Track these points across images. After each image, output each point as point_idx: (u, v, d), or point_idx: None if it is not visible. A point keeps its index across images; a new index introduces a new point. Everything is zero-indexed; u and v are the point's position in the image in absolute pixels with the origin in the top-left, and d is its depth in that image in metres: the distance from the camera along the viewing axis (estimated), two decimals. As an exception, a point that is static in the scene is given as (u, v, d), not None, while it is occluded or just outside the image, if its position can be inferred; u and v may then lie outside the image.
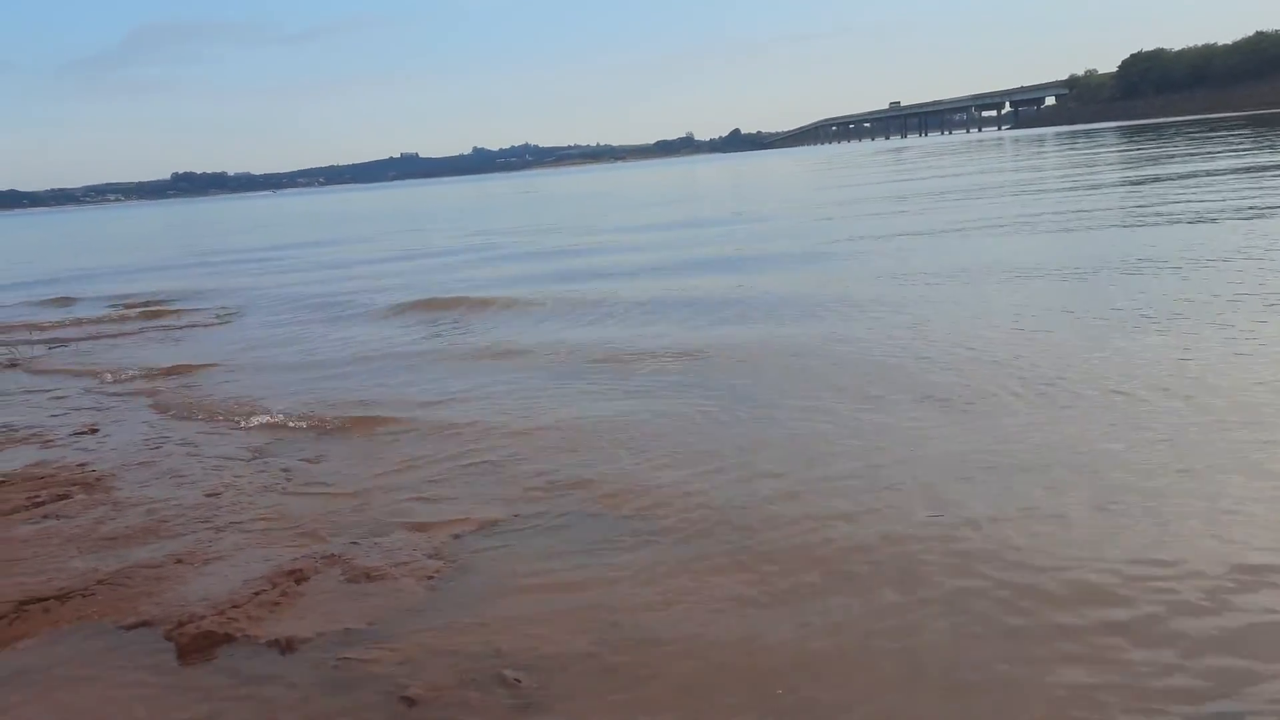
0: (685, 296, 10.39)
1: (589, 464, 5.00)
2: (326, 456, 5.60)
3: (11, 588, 3.78)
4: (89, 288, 18.25)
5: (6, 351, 10.66)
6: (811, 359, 6.91)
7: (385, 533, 4.32)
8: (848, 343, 7.31)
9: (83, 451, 6.12)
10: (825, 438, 5.07)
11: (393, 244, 24.16)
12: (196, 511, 4.74)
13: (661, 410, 5.88)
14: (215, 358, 9.17)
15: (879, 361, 6.63)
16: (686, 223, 22.53)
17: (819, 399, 5.82)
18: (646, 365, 7.18)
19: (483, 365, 7.76)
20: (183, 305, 13.87)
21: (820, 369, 6.58)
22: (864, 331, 7.68)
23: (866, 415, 5.41)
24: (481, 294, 11.77)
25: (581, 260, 15.49)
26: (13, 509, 4.87)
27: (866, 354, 6.88)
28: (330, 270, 17.76)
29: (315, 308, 12.25)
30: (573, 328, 9.17)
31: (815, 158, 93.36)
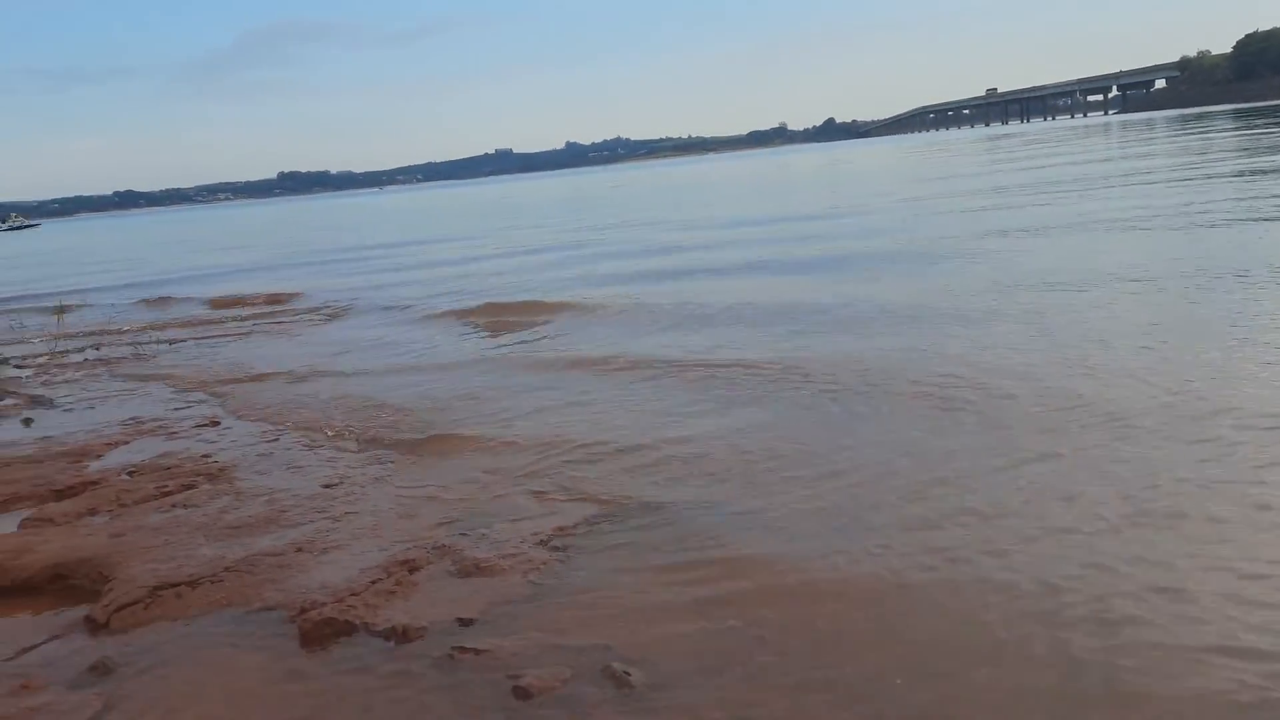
0: (779, 300, 9.91)
1: (681, 475, 5.05)
2: (432, 452, 5.78)
3: (146, 573, 4.00)
4: (204, 288, 19.03)
5: (131, 347, 11.21)
6: (930, 376, 6.16)
7: (492, 525, 4.44)
8: (973, 362, 6.44)
9: (205, 443, 6.41)
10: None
11: (490, 242, 24.39)
12: (314, 502, 4.93)
13: (761, 424, 5.73)
14: (320, 358, 9.46)
15: (1016, 387, 5.71)
16: (780, 217, 22.03)
17: (956, 437, 5.03)
18: (735, 375, 6.77)
19: (572, 375, 7.43)
20: (291, 305, 14.33)
21: (945, 390, 5.82)
22: (989, 349, 6.77)
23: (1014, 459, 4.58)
24: (573, 296, 11.60)
25: (672, 259, 15.29)
26: (144, 498, 5.14)
27: (998, 377, 5.97)
28: (430, 269, 17.97)
29: (410, 308, 12.46)
30: (662, 333, 8.91)
31: (912, 146, 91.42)
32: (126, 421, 7.28)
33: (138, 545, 4.35)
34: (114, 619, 3.69)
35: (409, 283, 15.69)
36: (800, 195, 31.39)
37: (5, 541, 4.38)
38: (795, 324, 8.56)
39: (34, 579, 4.10)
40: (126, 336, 12.24)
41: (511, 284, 13.98)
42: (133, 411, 7.66)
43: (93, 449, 6.40)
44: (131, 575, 4.00)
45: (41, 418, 7.73)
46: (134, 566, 4.09)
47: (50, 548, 4.32)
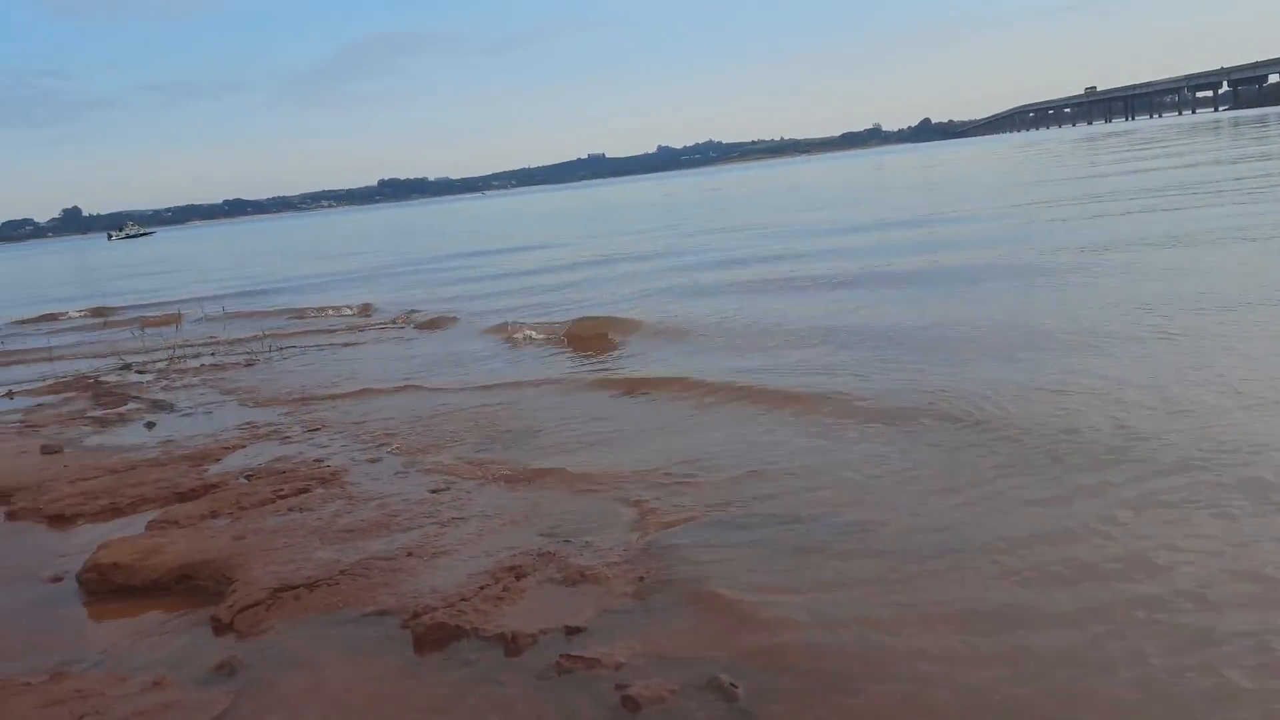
0: (876, 320, 9.14)
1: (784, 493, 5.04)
2: (533, 463, 5.88)
3: (267, 575, 4.16)
4: (307, 296, 19.62)
5: (245, 354, 11.64)
6: (1055, 415, 5.40)
7: (595, 533, 4.49)
8: (1113, 398, 5.61)
9: (317, 447, 6.62)
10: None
11: (582, 249, 24.33)
12: (422, 507, 5.05)
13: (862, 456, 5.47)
14: (417, 371, 9.63)
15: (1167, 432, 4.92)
16: (875, 224, 21.08)
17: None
18: (834, 406, 6.18)
19: (664, 399, 7.02)
20: (389, 315, 14.65)
21: (1076, 434, 5.06)
22: (1127, 383, 5.86)
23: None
24: (664, 312, 11.17)
25: (765, 269, 14.56)
26: (262, 501, 5.34)
27: (1148, 419, 5.17)
28: (524, 278, 17.91)
29: (503, 320, 11.94)
30: (754, 355, 8.30)
31: (1012, 146, 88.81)
32: (242, 426, 7.56)
33: (258, 548, 4.52)
34: (237, 620, 3.84)
35: (504, 293, 15.71)
36: (896, 200, 30.13)
37: (135, 543, 4.59)
38: (896, 348, 7.79)
39: (162, 580, 4.29)
40: (239, 343, 12.71)
41: (602, 296, 13.69)
42: (247, 416, 7.96)
43: (212, 453, 6.66)
44: (253, 577, 4.15)
45: (163, 421, 8.08)
46: (255, 568, 4.25)
47: (176, 549, 4.52)
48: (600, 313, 11.42)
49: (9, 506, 5.73)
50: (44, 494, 5.85)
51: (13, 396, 10.06)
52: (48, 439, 7.48)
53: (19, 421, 8.46)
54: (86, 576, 4.32)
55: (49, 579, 4.50)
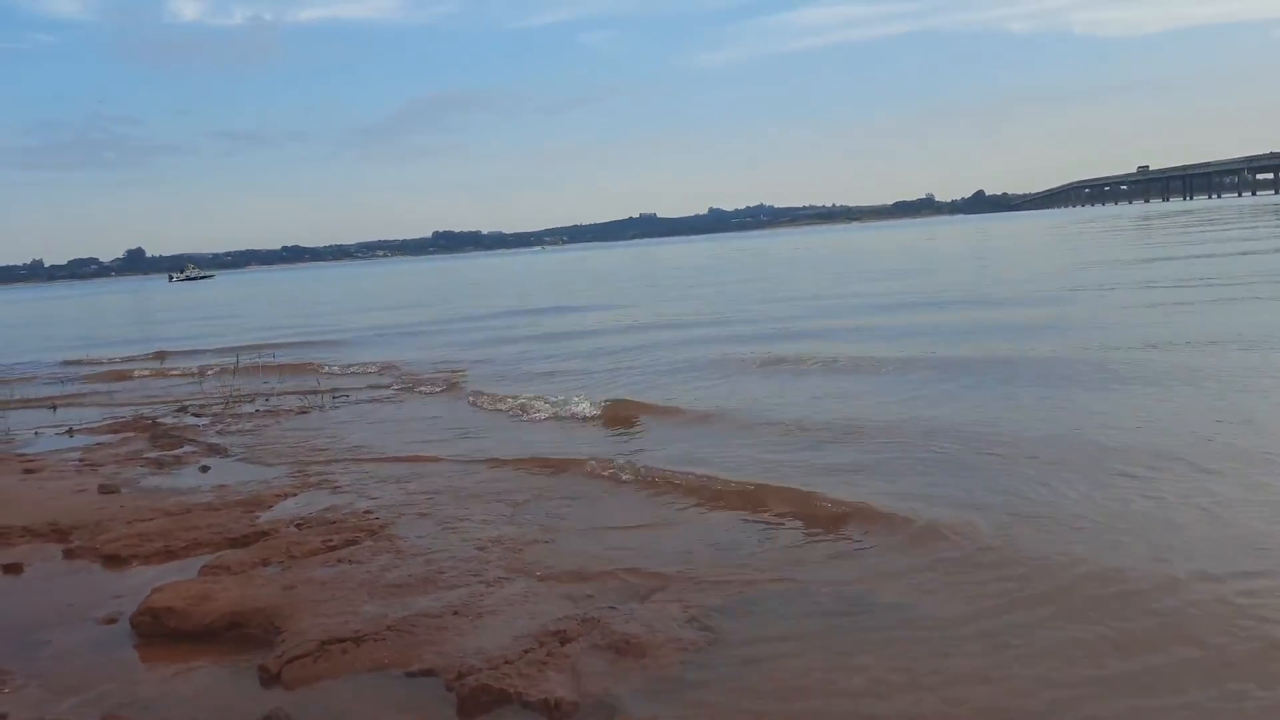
0: (938, 417, 7.94)
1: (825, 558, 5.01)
2: (579, 518, 5.90)
3: (315, 627, 4.20)
4: (359, 351, 19.88)
5: (299, 400, 11.84)
6: (1162, 573, 4.32)
7: (641, 599, 4.49)
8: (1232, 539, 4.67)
9: (366, 499, 6.70)
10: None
11: (627, 312, 23.21)
12: (468, 564, 5.08)
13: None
14: (459, 435, 9.62)
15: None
16: (927, 300, 19.60)
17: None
18: (884, 527, 5.25)
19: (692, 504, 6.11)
20: (416, 375, 14.71)
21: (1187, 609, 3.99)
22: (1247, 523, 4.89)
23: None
24: (704, 395, 10.06)
25: (812, 346, 13.15)
26: (311, 551, 5.41)
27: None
28: (565, 342, 16.97)
29: (539, 391, 11.19)
30: (799, 451, 7.26)
31: (1068, 221, 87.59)
32: (295, 472, 7.68)
33: (307, 598, 4.57)
34: (285, 670, 3.88)
35: (538, 357, 15.05)
36: (950, 274, 28.96)
37: (189, 588, 4.67)
38: (935, 455, 6.76)
39: (213, 626, 4.36)
40: (293, 391, 12.94)
41: (641, 367, 12.58)
42: (300, 463, 8.07)
43: (264, 499, 6.77)
44: (301, 628, 4.20)
45: (216, 465, 8.23)
46: (303, 619, 4.30)
47: (228, 596, 4.58)
48: (626, 392, 10.56)
49: (67, 545, 5.86)
50: (101, 533, 5.97)
51: (73, 434, 10.32)
52: (106, 478, 7.66)
53: (78, 460, 8.67)
54: (140, 619, 4.40)
55: (103, 619, 4.58)
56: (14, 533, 6.14)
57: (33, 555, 5.73)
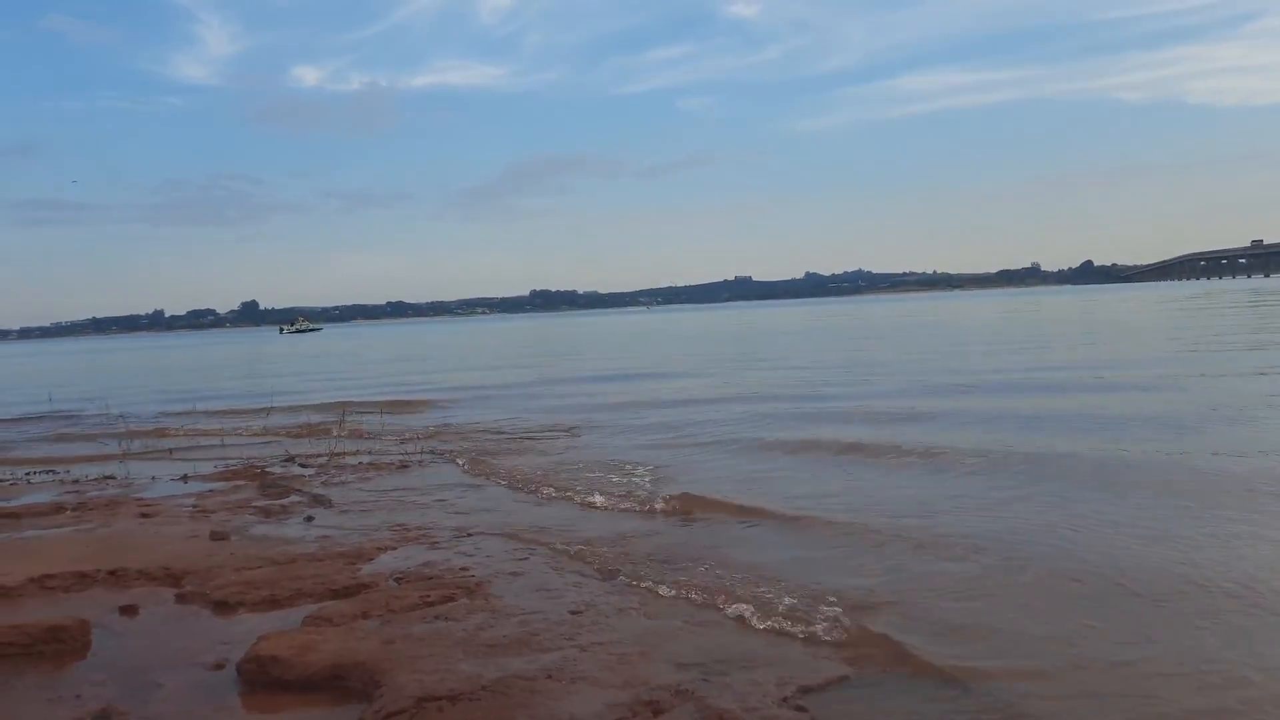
0: (1064, 521, 7.04)
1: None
2: (672, 583, 5.89)
3: (412, 684, 4.27)
4: (465, 410, 20.23)
5: (400, 455, 12.13)
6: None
7: (733, 672, 4.45)
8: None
9: (463, 555, 6.81)
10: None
11: (723, 381, 22.34)
12: (562, 628, 5.11)
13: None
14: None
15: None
16: (1037, 383, 17.42)
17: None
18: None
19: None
20: (532, 432, 14.97)
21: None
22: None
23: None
24: (792, 497, 8.46)
25: (911, 431, 11.88)
26: (410, 606, 5.51)
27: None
28: (653, 411, 16.12)
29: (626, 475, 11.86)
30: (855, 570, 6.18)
31: (1183, 296, 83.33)
32: (394, 527, 7.85)
33: (405, 654, 4.65)
34: (383, 726, 3.95)
35: (620, 428, 14.76)
36: (1058, 349, 26.65)
37: (292, 638, 4.80)
38: (1042, 589, 5.60)
39: (315, 677, 4.46)
40: (395, 445, 13.27)
41: (725, 452, 11.35)
42: (400, 518, 8.25)
43: (365, 551, 6.93)
44: (399, 684, 4.28)
45: (320, 516, 8.47)
46: (401, 675, 4.37)
47: (330, 648, 4.70)
48: (704, 476, 9.76)
49: (179, 589, 6.09)
50: (211, 579, 6.19)
51: (187, 480, 10.74)
52: (217, 525, 7.94)
53: (192, 505, 9.01)
54: (246, 667, 4.53)
55: (212, 665, 4.74)
56: (131, 575, 6.41)
57: (147, 598, 5.97)
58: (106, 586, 6.24)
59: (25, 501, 9.55)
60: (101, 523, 8.28)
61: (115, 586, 6.24)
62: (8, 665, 4.80)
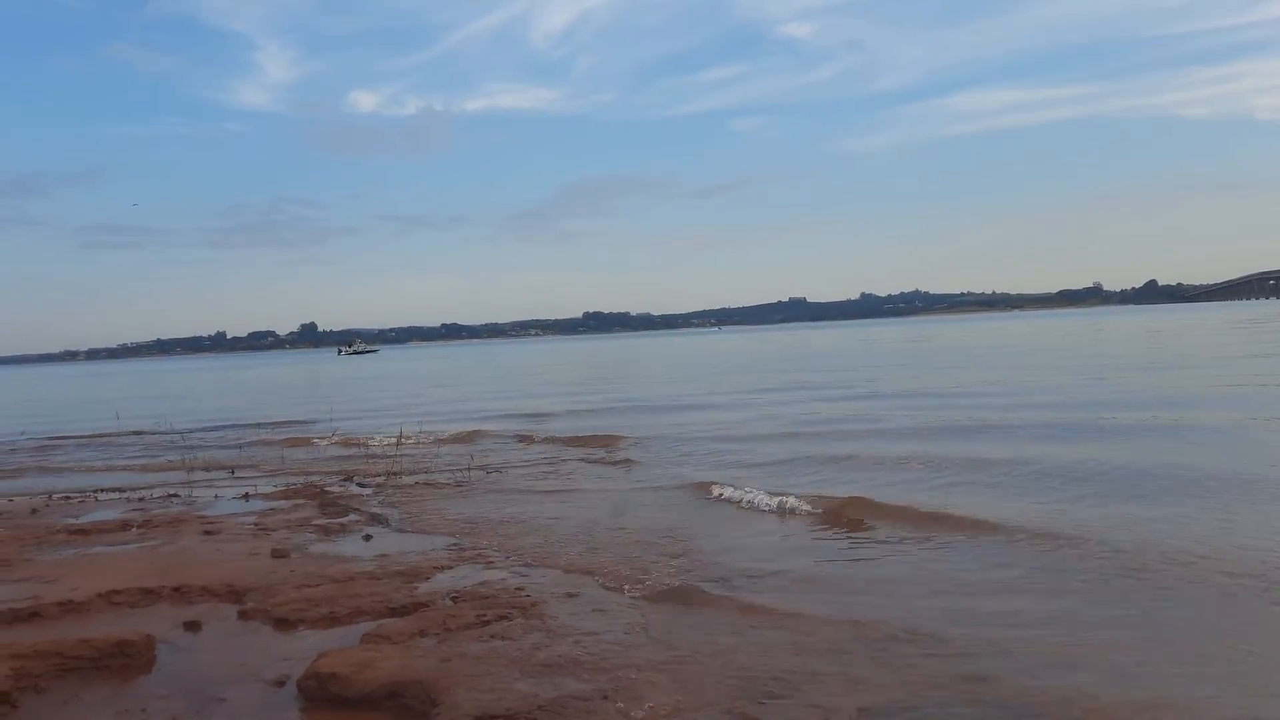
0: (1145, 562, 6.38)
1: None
2: (728, 604, 5.85)
3: (469, 702, 4.29)
4: (512, 424, 20.35)
5: (453, 474, 12.24)
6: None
7: (791, 695, 4.40)
8: None
9: (518, 575, 6.84)
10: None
11: (774, 411, 20.30)
12: (616, 649, 5.10)
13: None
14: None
15: None
16: (1096, 399, 16.73)
17: None
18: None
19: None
20: (592, 451, 15.02)
21: None
22: None
23: None
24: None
25: (973, 465, 10.77)
26: (466, 624, 5.54)
27: None
28: (711, 444, 15.44)
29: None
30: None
31: (1252, 316, 79.18)
32: (451, 545, 7.92)
33: (462, 672, 4.68)
34: (440, 744, 3.96)
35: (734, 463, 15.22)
36: (1121, 375, 24.14)
37: (352, 655, 4.85)
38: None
39: (373, 694, 4.50)
40: (451, 464, 13.39)
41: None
42: (456, 536, 8.32)
43: (422, 570, 6.99)
44: (456, 702, 4.30)
45: (379, 535, 8.56)
46: (458, 693, 4.39)
47: (388, 665, 4.74)
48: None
49: (241, 606, 6.18)
50: (272, 596, 6.29)
51: (249, 499, 10.93)
52: (277, 543, 8.06)
53: (253, 523, 9.17)
54: (306, 683, 4.59)
55: (273, 681, 4.80)
56: (194, 591, 6.54)
57: (210, 614, 6.07)
58: (171, 602, 6.37)
59: (93, 518, 9.79)
60: (166, 540, 8.46)
61: (179, 602, 6.36)
62: (77, 678, 4.91)
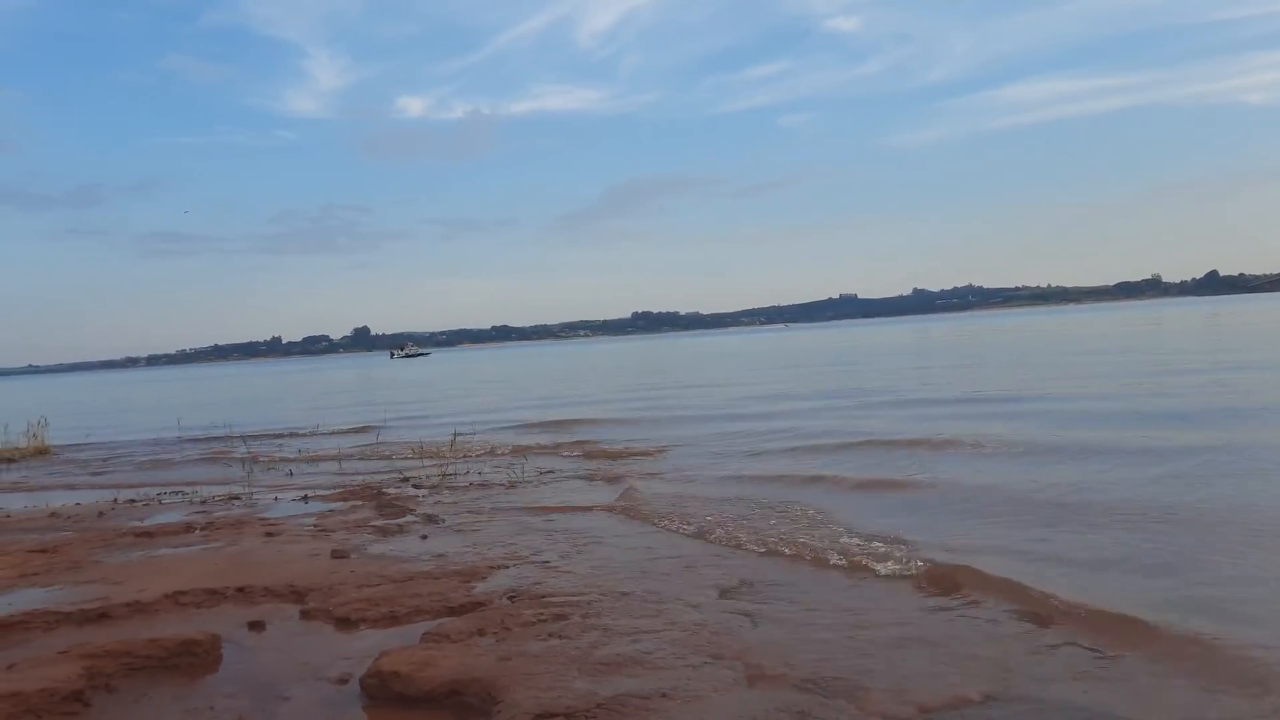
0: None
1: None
2: (785, 606, 5.82)
3: (529, 700, 4.31)
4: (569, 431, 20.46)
5: (507, 474, 12.32)
6: None
7: (854, 696, 4.36)
8: None
9: (573, 575, 6.85)
10: None
11: (812, 422, 20.92)
12: (675, 647, 5.08)
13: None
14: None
15: None
16: (1165, 410, 14.58)
17: None
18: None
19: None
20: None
21: None
22: None
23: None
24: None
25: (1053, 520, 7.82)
26: (524, 623, 5.56)
27: None
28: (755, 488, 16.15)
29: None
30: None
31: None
32: (506, 545, 7.96)
33: (521, 671, 4.70)
34: (501, 742, 3.98)
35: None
36: (1185, 374, 20.84)
37: (413, 654, 4.89)
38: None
39: (435, 692, 4.54)
40: (505, 465, 13.48)
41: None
42: (511, 536, 8.36)
43: (479, 570, 7.04)
44: (517, 700, 4.31)
45: (434, 535, 8.63)
46: (518, 692, 4.41)
47: (449, 664, 4.77)
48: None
49: (303, 606, 6.27)
50: (333, 596, 6.37)
51: (308, 500, 11.09)
52: (337, 544, 8.17)
53: (313, 525, 9.30)
54: (369, 682, 4.64)
55: (336, 679, 4.86)
56: (257, 592, 6.64)
57: (273, 614, 6.17)
58: (235, 603, 6.48)
59: (158, 521, 10.00)
60: (228, 541, 8.61)
61: (243, 603, 6.47)
62: (146, 677, 5.01)
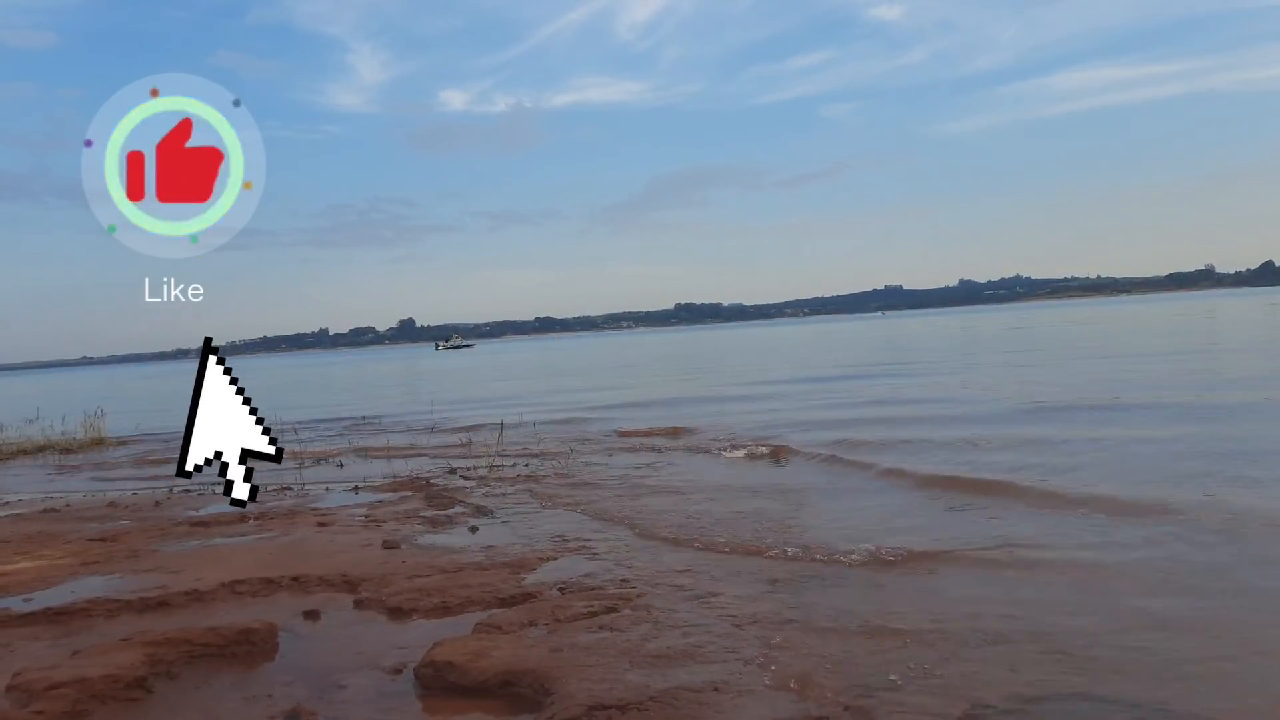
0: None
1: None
2: (840, 598, 5.79)
3: (582, 692, 4.33)
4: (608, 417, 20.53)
5: (557, 463, 12.38)
6: None
7: (902, 691, 4.33)
8: None
9: (624, 567, 6.87)
10: None
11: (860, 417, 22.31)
12: (725, 640, 5.09)
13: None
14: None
15: None
16: (1218, 404, 14.26)
17: None
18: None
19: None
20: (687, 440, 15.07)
21: None
22: None
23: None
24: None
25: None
26: (575, 615, 5.59)
27: None
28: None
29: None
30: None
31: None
32: (555, 537, 8.00)
33: (573, 662, 4.73)
34: (555, 732, 4.01)
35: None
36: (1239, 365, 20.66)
37: (465, 644, 4.95)
38: None
39: (488, 683, 4.59)
40: (551, 457, 13.55)
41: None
42: (559, 528, 8.41)
43: (528, 561, 7.09)
44: (569, 691, 4.35)
45: (484, 526, 8.70)
46: (571, 683, 4.44)
47: (501, 654, 4.82)
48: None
49: (356, 595, 6.36)
50: (385, 587, 6.45)
51: (358, 491, 11.24)
52: (388, 534, 8.27)
53: (364, 515, 9.42)
54: (423, 671, 4.69)
55: (390, 669, 4.92)
56: (312, 582, 6.74)
57: (328, 604, 6.26)
58: (290, 592, 6.58)
59: (213, 511, 10.17)
60: (282, 531, 8.74)
61: (298, 592, 6.57)
62: (205, 665, 5.11)
